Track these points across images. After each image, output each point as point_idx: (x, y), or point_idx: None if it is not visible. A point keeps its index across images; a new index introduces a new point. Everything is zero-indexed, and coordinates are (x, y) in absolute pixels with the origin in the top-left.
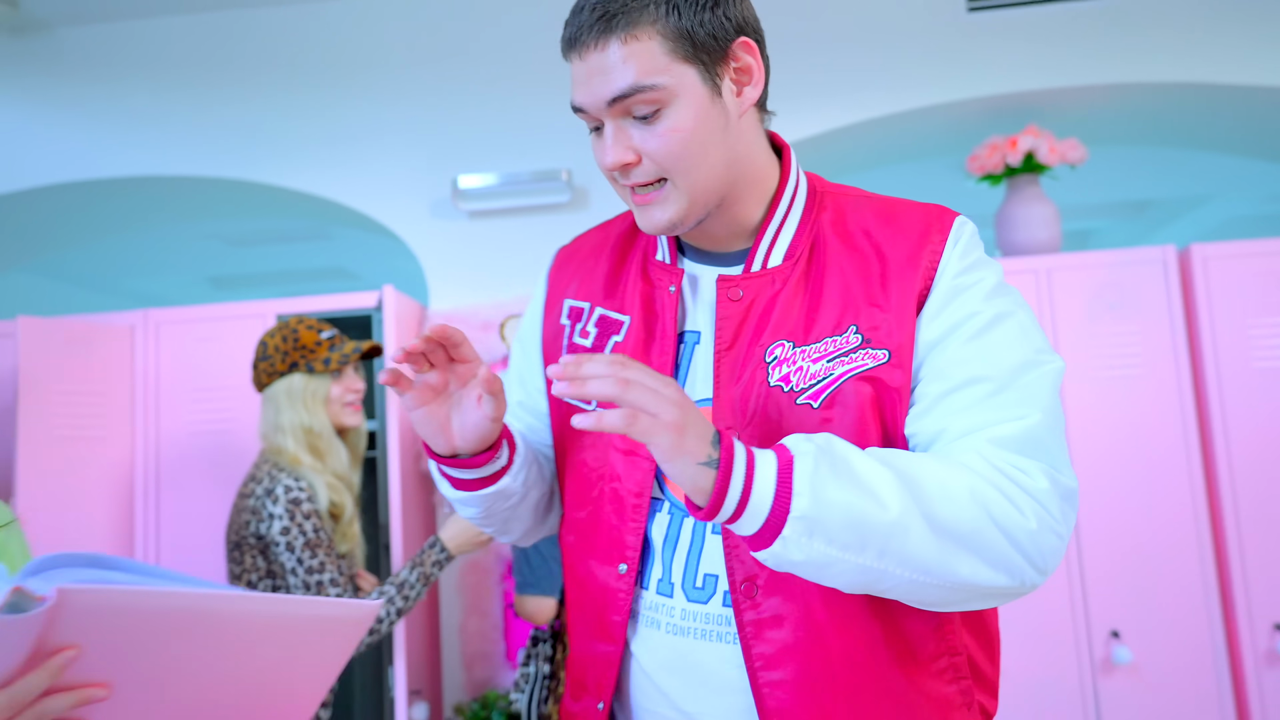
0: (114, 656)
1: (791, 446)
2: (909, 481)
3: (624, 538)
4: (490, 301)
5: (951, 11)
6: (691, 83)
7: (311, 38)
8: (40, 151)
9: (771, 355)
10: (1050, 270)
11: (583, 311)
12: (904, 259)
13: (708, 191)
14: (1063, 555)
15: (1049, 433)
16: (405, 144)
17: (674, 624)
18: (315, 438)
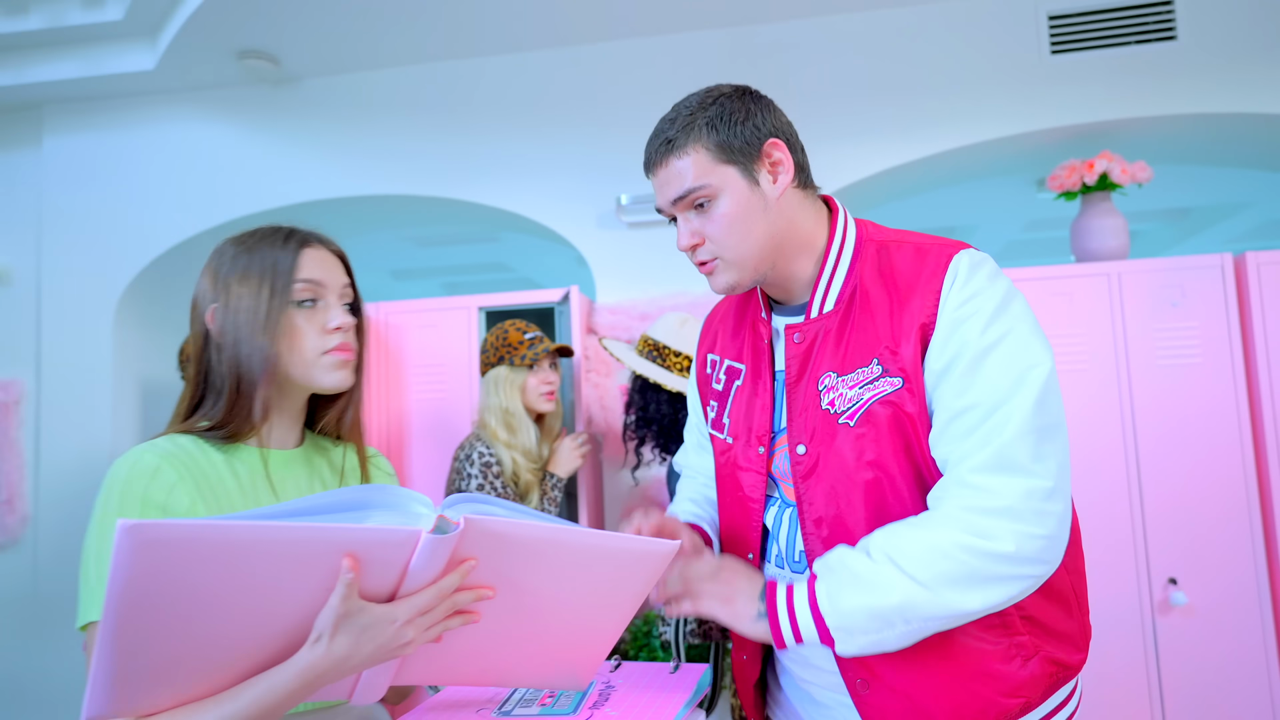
0: (496, 568)
1: (816, 569)
2: (900, 561)
3: (747, 534)
4: (646, 297)
5: (1036, 54)
6: (733, 179)
7: (502, 84)
8: (289, 177)
9: (822, 384)
10: (1120, 274)
11: (716, 362)
12: (912, 296)
13: (754, 259)
14: (1058, 542)
15: (1022, 443)
16: (576, 167)
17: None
18: (510, 417)
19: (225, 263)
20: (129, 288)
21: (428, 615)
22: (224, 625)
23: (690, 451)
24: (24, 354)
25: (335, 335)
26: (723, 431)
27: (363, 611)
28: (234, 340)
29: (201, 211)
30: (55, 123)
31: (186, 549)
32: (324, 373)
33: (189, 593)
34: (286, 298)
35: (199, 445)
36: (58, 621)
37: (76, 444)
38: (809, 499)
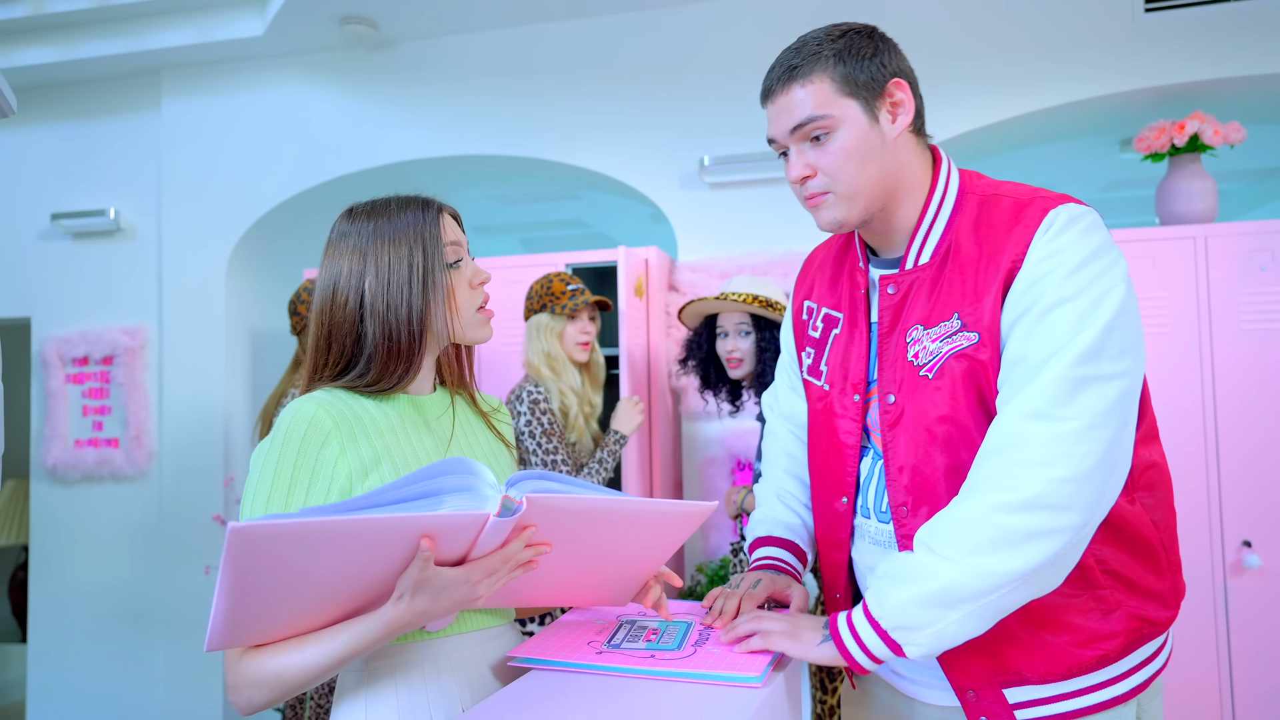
0: (555, 529)
1: (867, 585)
2: (935, 544)
3: (842, 478)
4: (725, 256)
5: (1129, 12)
6: (854, 113)
7: (590, 46)
8: (385, 139)
9: (910, 336)
10: (1207, 237)
11: (813, 310)
12: (1002, 250)
13: (866, 196)
14: (1088, 487)
15: (1053, 390)
16: (661, 129)
17: (872, 537)
18: (553, 361)
19: (365, 236)
20: (240, 242)
21: (495, 575)
22: (319, 589)
23: (781, 393)
24: (147, 303)
25: (479, 292)
26: (820, 379)
27: (439, 576)
28: (393, 305)
29: (305, 171)
30: (173, 86)
31: (289, 541)
32: (477, 328)
33: (291, 568)
34: (440, 260)
35: (352, 396)
36: (180, 548)
37: (194, 386)
38: (893, 448)
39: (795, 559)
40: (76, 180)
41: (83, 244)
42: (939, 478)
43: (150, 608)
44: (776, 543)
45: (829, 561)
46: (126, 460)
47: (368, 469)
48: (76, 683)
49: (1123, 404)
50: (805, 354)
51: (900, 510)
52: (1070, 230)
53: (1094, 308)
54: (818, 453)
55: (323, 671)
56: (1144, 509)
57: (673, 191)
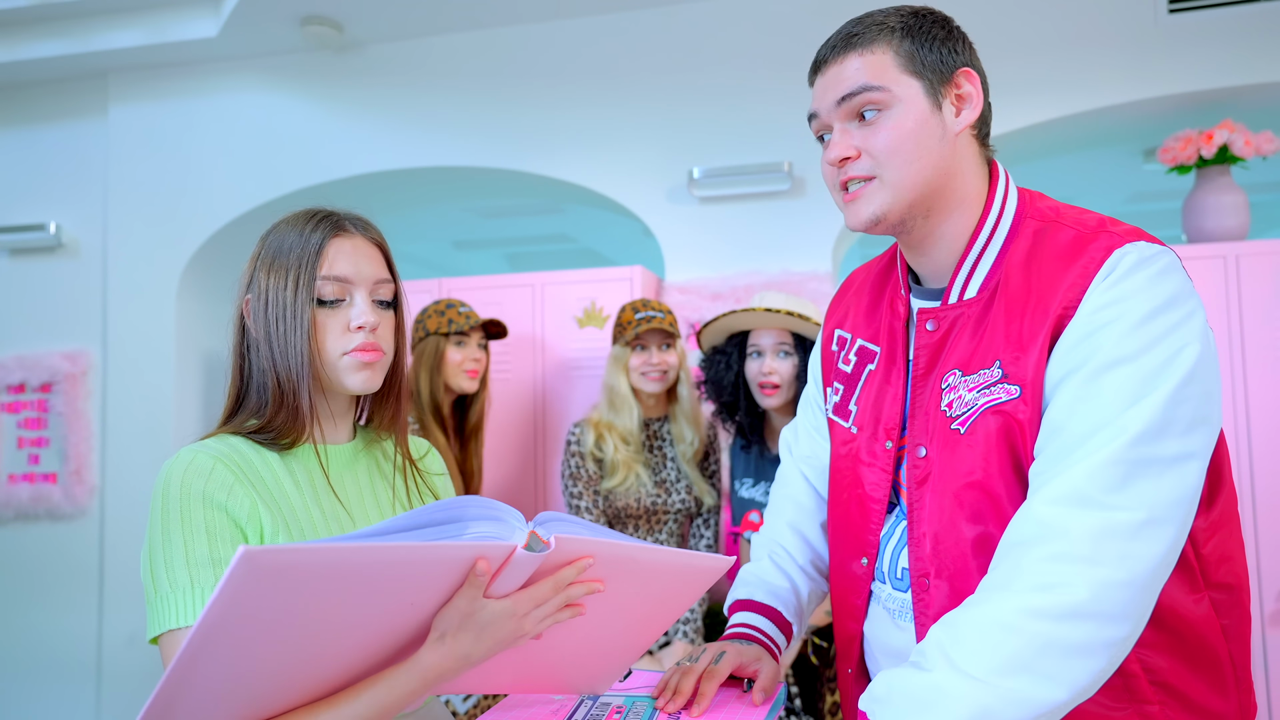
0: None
1: (863, 705)
2: (957, 658)
3: (864, 536)
4: (717, 275)
5: (1152, 14)
6: (915, 94)
7: (571, 49)
8: (352, 148)
9: (945, 382)
10: (1239, 256)
11: (846, 340)
12: (1049, 291)
13: (914, 188)
14: (1150, 594)
15: (1104, 474)
16: (648, 139)
17: (885, 604)
18: (614, 396)
19: (263, 249)
20: (192, 259)
21: (542, 608)
22: (328, 640)
23: (802, 432)
24: (91, 325)
25: (356, 335)
26: (847, 420)
27: (485, 608)
28: (266, 336)
29: (264, 182)
30: (121, 91)
31: (305, 572)
32: (346, 374)
33: (295, 613)
34: (310, 294)
35: (251, 446)
36: (122, 594)
37: (141, 415)
38: (918, 509)
39: (777, 630)
40: (14, 192)
41: (20, 261)
42: (965, 550)
43: (85, 659)
44: (757, 609)
45: (843, 631)
46: (65, 497)
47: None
48: None
49: (1191, 491)
50: (832, 390)
51: (921, 582)
52: (1138, 274)
53: (1159, 372)
54: (838, 505)
55: None
56: (1213, 610)
57: (660, 206)
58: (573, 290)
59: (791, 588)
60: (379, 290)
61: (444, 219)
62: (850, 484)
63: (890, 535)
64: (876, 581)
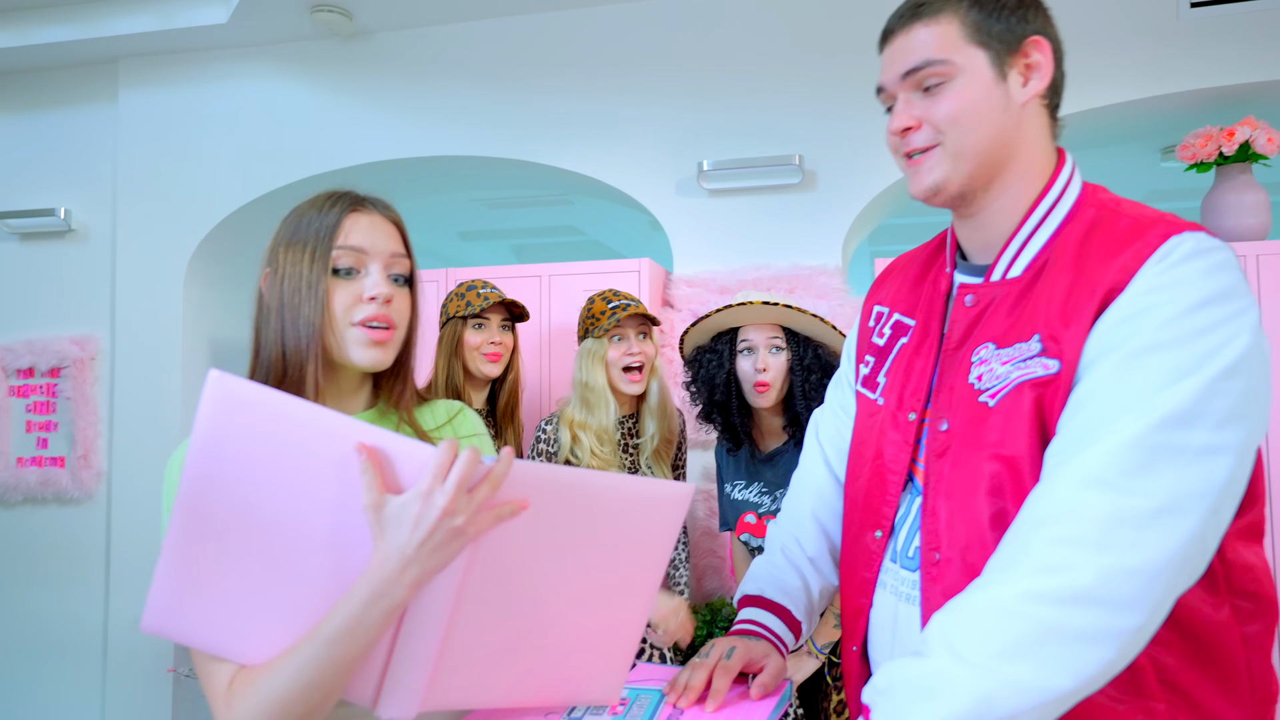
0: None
1: (866, 699)
2: (958, 644)
3: (881, 509)
4: (726, 269)
5: (1174, 9)
6: (979, 64)
7: (581, 41)
8: (360, 136)
9: (976, 355)
10: (1259, 256)
11: (883, 315)
12: (1100, 269)
13: (976, 157)
14: (1159, 583)
15: (1122, 456)
16: (657, 131)
17: (893, 586)
18: (588, 392)
19: (282, 228)
20: (200, 246)
21: (468, 499)
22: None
23: (828, 413)
24: (100, 311)
25: (367, 306)
26: (874, 391)
27: (390, 501)
28: (279, 308)
29: (272, 169)
30: (131, 77)
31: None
32: (354, 348)
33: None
34: (326, 264)
35: None
36: (128, 578)
37: (148, 402)
38: (935, 482)
39: (785, 628)
40: (25, 176)
41: (31, 245)
42: (981, 526)
43: (91, 642)
44: (765, 605)
45: (851, 606)
46: (72, 481)
47: None
48: (17, 716)
49: (1217, 487)
50: (864, 363)
51: (931, 556)
52: (1193, 263)
53: (1200, 360)
54: (857, 476)
55: (320, 673)
56: (1234, 617)
57: (669, 198)
58: (580, 282)
59: (803, 585)
60: (394, 265)
61: (451, 209)
62: (871, 455)
63: (905, 516)
64: (886, 559)
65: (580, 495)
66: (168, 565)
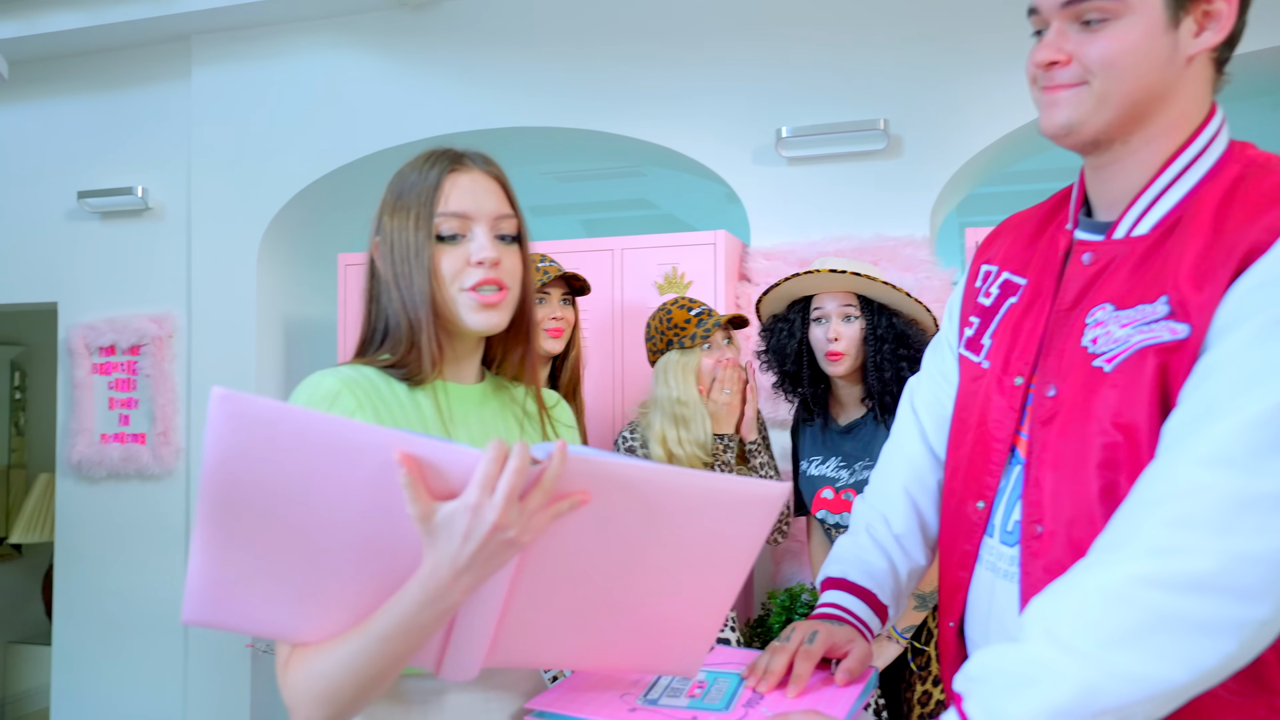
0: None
1: (958, 686)
2: (1059, 630)
3: (984, 477)
4: (805, 240)
5: None
6: (1152, 6)
7: (654, 4)
8: (428, 109)
9: (1091, 317)
10: None
11: (991, 274)
12: (1242, 227)
13: (1124, 104)
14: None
15: (1252, 434)
16: (733, 97)
17: (991, 562)
18: (682, 408)
19: (387, 193)
20: (272, 223)
21: (520, 506)
22: (315, 531)
23: (926, 379)
24: (176, 288)
25: (475, 270)
26: (978, 354)
27: (438, 509)
28: (394, 277)
29: (342, 144)
30: (203, 53)
31: (269, 429)
32: (466, 313)
33: (276, 483)
34: (429, 231)
35: (382, 377)
36: None
37: (224, 378)
38: (1040, 451)
39: (870, 612)
40: (103, 156)
41: (110, 224)
42: (1089, 499)
43: (173, 614)
44: (849, 588)
45: (950, 579)
46: (153, 457)
47: None
48: (100, 690)
49: None
50: (969, 325)
51: (1032, 529)
52: None
53: None
54: (959, 444)
55: (372, 664)
56: None
57: (745, 168)
58: (653, 255)
59: (889, 568)
60: (500, 225)
61: (521, 183)
62: (975, 422)
63: (1006, 484)
64: (986, 535)
65: (651, 491)
66: (200, 562)
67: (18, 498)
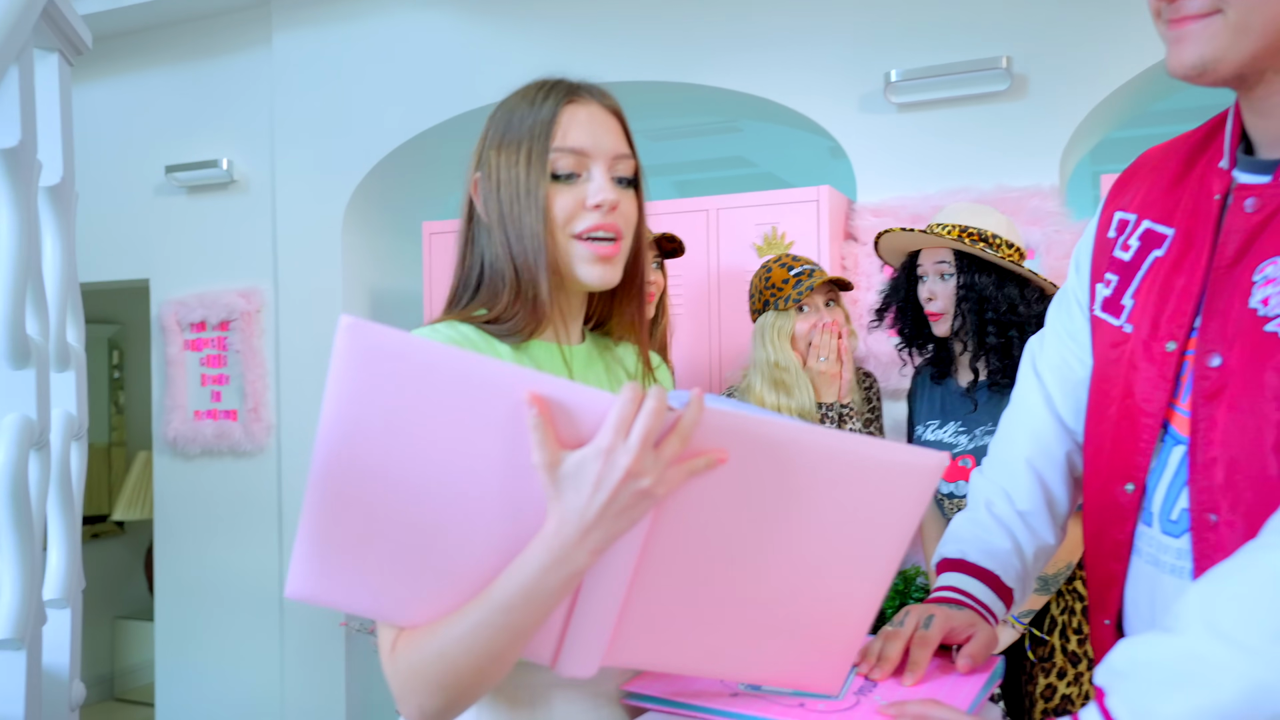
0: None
1: (1100, 680)
2: (1223, 623)
3: (1133, 457)
4: (918, 194)
5: None
6: None
7: None
8: (511, 67)
9: (1260, 273)
10: None
11: (1128, 224)
12: None
13: (1263, 37)
14: None
15: None
16: (836, 40)
17: (1151, 555)
18: (781, 373)
19: (491, 126)
20: (355, 193)
21: (655, 454)
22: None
23: (1050, 341)
24: (263, 262)
25: (591, 214)
26: (1118, 316)
27: (567, 458)
28: (500, 219)
29: (425, 107)
30: (284, 18)
31: (397, 363)
32: (580, 264)
33: (400, 428)
34: (544, 167)
35: (481, 335)
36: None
37: (311, 354)
38: (1207, 429)
39: (993, 595)
40: (188, 129)
41: (197, 198)
42: (1272, 485)
43: (268, 591)
44: (968, 569)
45: (1100, 573)
46: (245, 434)
47: None
48: (200, 665)
49: None
50: (1104, 283)
51: (1205, 519)
52: None
53: None
54: (1100, 420)
55: (494, 639)
56: None
57: (850, 117)
58: (751, 215)
59: (1014, 548)
60: (618, 166)
61: None
62: (1119, 394)
63: (1162, 466)
64: (1143, 523)
65: (794, 452)
66: (309, 531)
67: (119, 475)
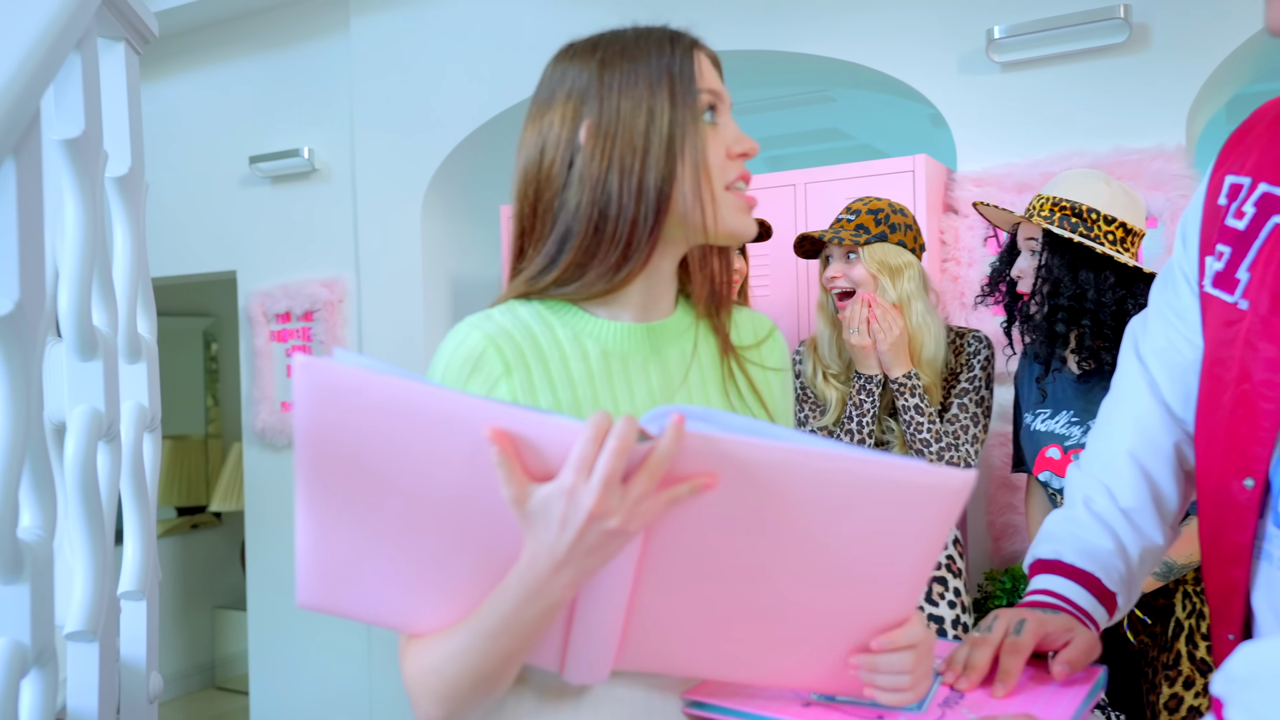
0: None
1: (1217, 688)
2: None
3: (1251, 447)
4: (1025, 160)
5: None
6: None
7: None
8: None
9: None
10: None
11: (1242, 189)
12: None
13: None
14: None
15: None
16: None
17: (1277, 557)
18: (820, 307)
19: (585, 78)
20: (434, 178)
21: (623, 490)
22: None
23: (1154, 321)
24: (345, 251)
25: (736, 163)
26: (1232, 291)
27: (533, 493)
28: (620, 167)
29: (502, 89)
30: (360, 3)
31: (355, 399)
32: (732, 215)
33: (369, 458)
34: (693, 109)
35: (541, 323)
36: None
37: (394, 343)
38: None
39: (1093, 600)
40: (269, 118)
41: (280, 188)
42: None
43: None
44: (1064, 571)
45: (1219, 580)
46: None
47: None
48: (292, 656)
49: None
50: (1215, 256)
51: None
52: None
53: None
54: (1212, 407)
55: (484, 662)
56: None
57: (950, 79)
58: (843, 188)
59: (1117, 548)
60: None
61: None
62: (1234, 378)
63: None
64: (1270, 523)
65: (787, 477)
66: (304, 548)
67: (215, 467)
